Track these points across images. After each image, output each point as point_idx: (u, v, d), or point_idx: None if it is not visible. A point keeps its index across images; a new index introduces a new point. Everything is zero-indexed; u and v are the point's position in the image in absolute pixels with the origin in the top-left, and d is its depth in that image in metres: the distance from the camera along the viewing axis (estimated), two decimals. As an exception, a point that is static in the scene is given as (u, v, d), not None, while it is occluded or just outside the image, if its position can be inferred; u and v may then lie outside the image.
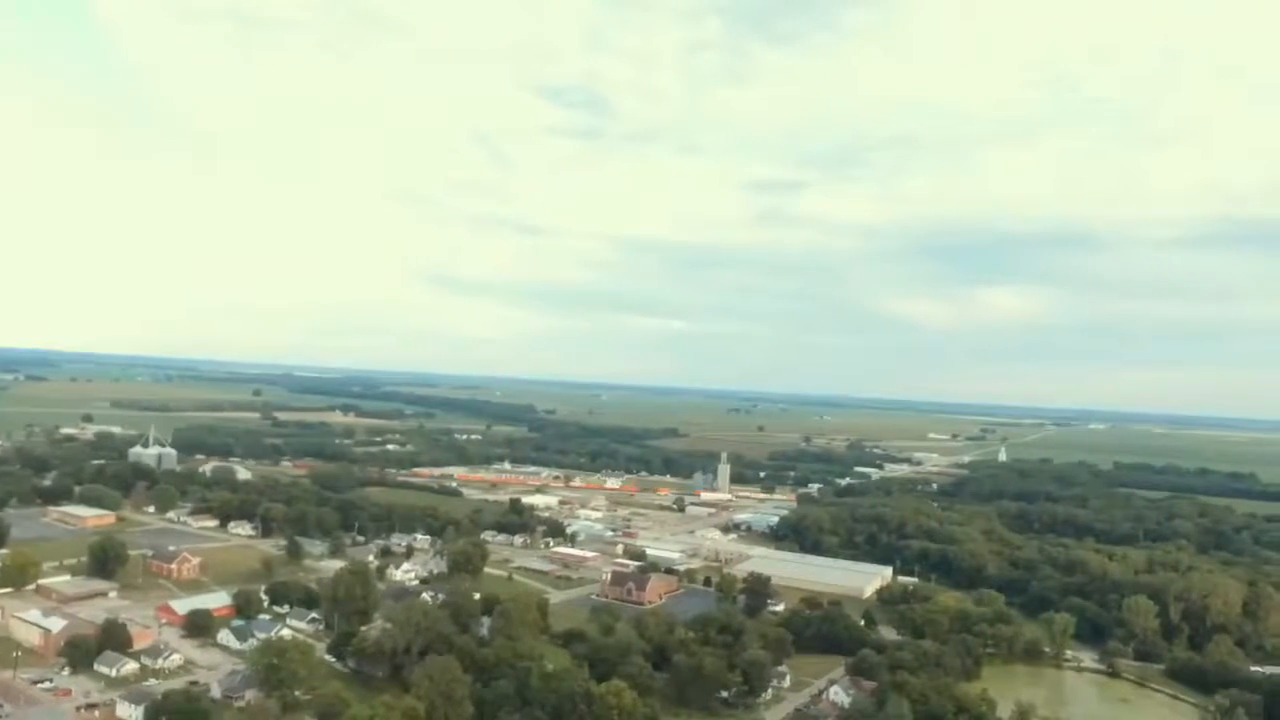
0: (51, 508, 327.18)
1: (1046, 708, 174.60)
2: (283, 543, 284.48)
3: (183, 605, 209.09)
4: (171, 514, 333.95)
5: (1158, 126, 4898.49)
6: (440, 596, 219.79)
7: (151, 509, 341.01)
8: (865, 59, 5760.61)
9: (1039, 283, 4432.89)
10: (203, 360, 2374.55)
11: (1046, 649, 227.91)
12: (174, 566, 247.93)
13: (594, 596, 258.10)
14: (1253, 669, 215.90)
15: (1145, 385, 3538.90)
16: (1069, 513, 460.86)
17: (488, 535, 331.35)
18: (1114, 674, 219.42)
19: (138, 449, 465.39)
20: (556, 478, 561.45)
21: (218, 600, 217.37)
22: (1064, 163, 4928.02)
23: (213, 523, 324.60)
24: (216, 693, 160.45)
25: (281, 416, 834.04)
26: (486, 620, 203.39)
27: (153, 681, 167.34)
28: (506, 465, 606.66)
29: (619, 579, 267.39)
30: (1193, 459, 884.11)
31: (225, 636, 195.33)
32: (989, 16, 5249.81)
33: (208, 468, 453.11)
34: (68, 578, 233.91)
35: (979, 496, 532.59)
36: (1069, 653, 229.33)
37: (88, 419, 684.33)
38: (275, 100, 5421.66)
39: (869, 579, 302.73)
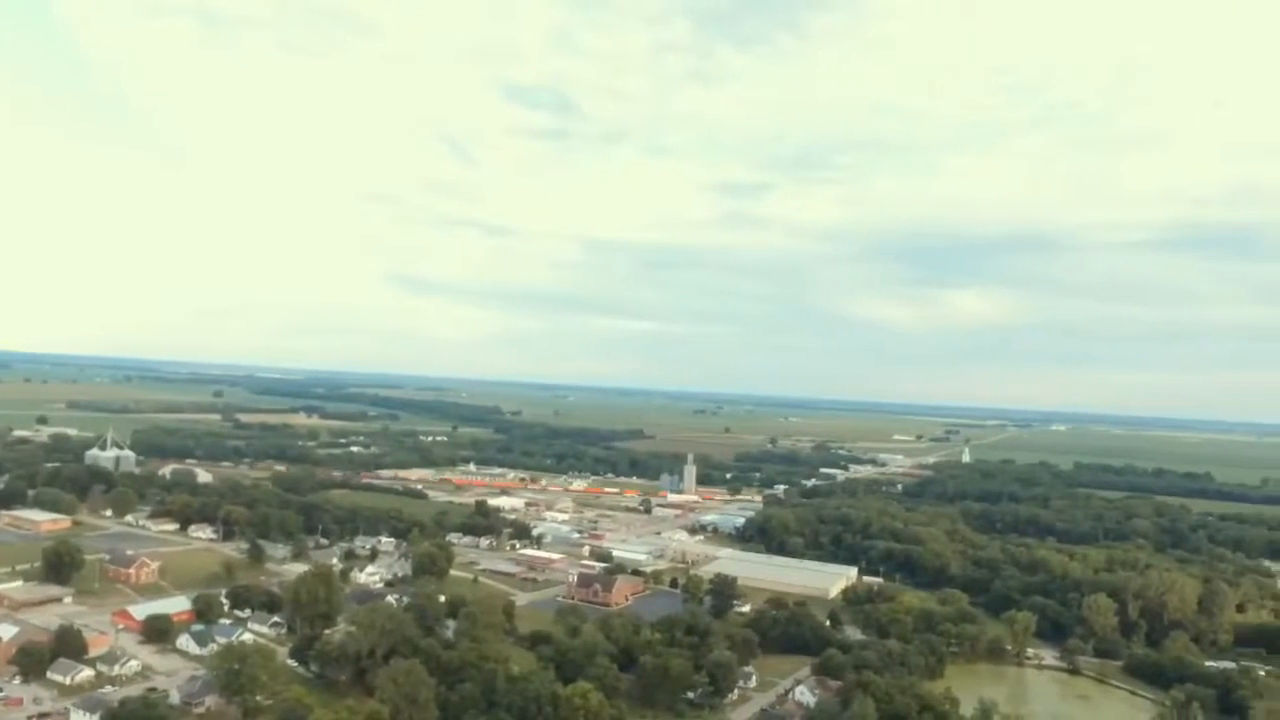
0: (4, 512, 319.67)
1: (1008, 705, 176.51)
2: (244, 546, 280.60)
3: (141, 610, 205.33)
4: (130, 517, 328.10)
5: (1119, 132, 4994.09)
6: (405, 599, 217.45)
7: (109, 512, 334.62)
8: (831, 62, 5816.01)
9: (1003, 285, 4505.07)
10: (162, 361, 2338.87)
11: (1009, 647, 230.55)
12: (132, 571, 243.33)
13: (560, 598, 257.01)
14: (1207, 664, 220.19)
15: (1105, 387, 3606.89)
16: (1031, 513, 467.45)
17: (453, 537, 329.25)
18: (1074, 671, 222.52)
19: (95, 451, 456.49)
20: (522, 479, 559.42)
21: (177, 605, 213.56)
22: (1027, 167, 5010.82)
23: (172, 526, 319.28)
24: (176, 699, 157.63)
25: (243, 418, 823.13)
26: (452, 623, 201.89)
27: (109, 689, 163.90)
28: (472, 467, 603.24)
29: (585, 580, 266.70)
30: (1150, 459, 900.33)
31: (185, 642, 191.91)
32: (953, 23, 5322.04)
33: (167, 470, 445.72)
34: (20, 583, 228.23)
35: (943, 497, 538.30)
36: (1031, 651, 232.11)
37: (43, 421, 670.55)
38: (240, 99, 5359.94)
39: (834, 579, 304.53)
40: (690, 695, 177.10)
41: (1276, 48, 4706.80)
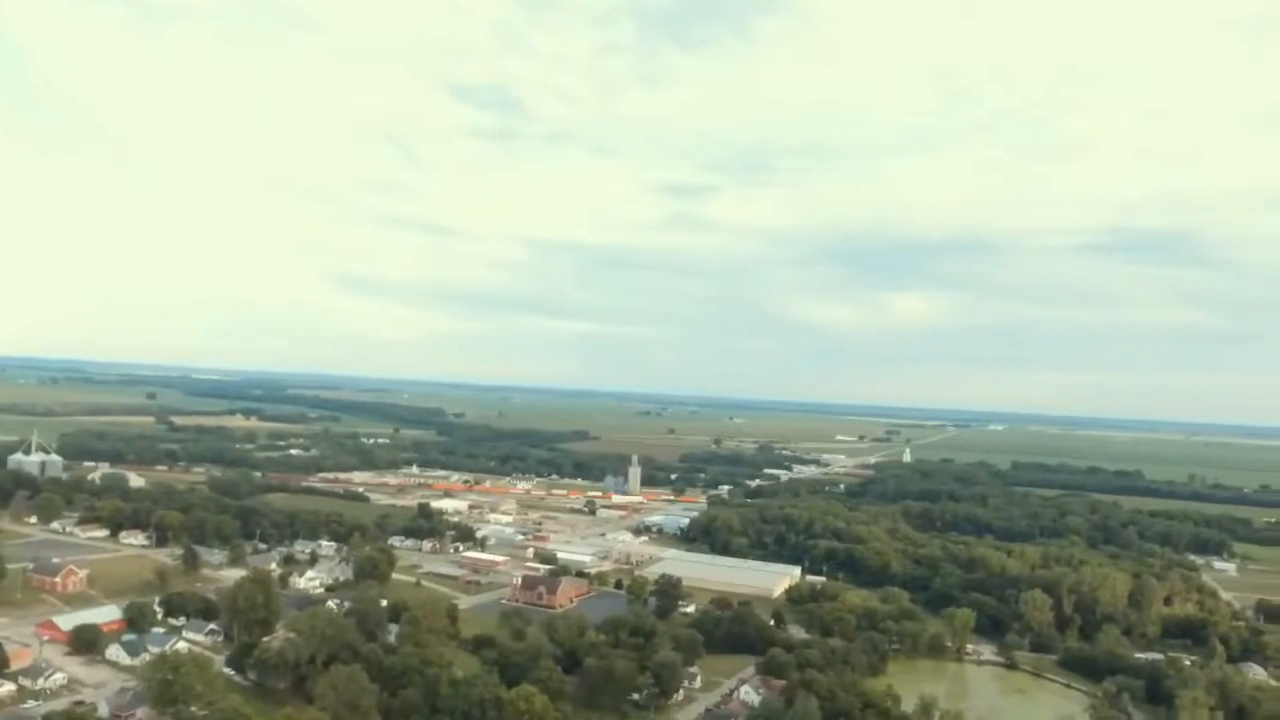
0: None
1: (949, 701, 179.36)
2: (179, 552, 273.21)
3: (67, 620, 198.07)
4: (56, 524, 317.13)
5: (1053, 140, 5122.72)
6: (346, 604, 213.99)
7: (34, 519, 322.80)
8: (777, 66, 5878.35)
9: (942, 288, 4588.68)
10: (91, 361, 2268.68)
11: (949, 644, 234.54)
12: (58, 580, 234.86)
13: (504, 601, 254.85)
14: (1137, 656, 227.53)
15: (1041, 388, 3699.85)
16: (970, 511, 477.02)
17: (395, 541, 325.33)
18: (1012, 666, 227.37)
19: (18, 456, 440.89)
20: (466, 481, 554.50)
21: (107, 614, 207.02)
22: (966, 173, 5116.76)
23: (102, 533, 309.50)
24: (105, 711, 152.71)
25: (178, 421, 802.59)
26: (394, 628, 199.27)
27: (32, 703, 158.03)
28: (415, 469, 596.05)
29: (530, 583, 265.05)
30: (1084, 458, 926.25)
31: (115, 652, 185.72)
32: (897, 30, 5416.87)
33: (97, 475, 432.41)
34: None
35: (884, 496, 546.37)
36: (970, 647, 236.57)
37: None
38: (176, 92, 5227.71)
39: (778, 579, 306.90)
40: (635, 696, 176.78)
41: (1200, 61, 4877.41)
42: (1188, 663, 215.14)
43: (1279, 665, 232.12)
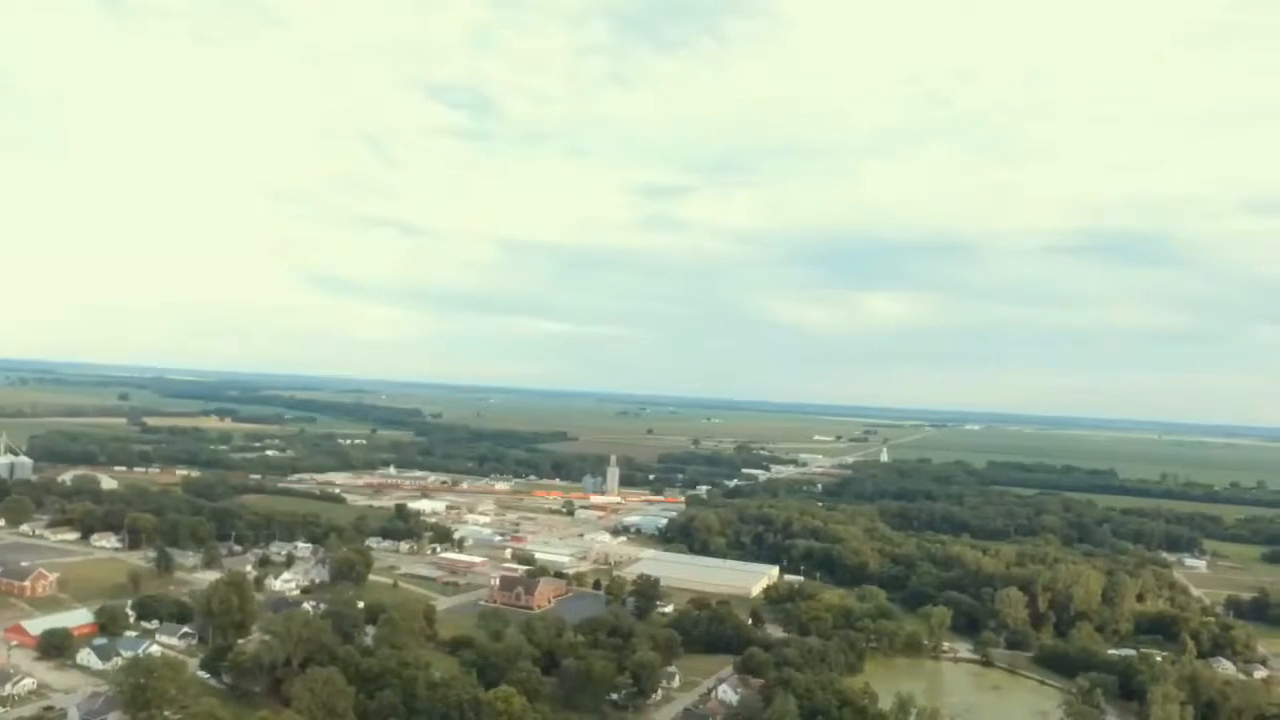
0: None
1: (925, 698, 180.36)
2: (152, 555, 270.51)
3: (36, 625, 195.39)
4: (25, 527, 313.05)
5: (1024, 142, 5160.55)
6: (322, 606, 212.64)
7: (2, 522, 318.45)
8: (750, 68, 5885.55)
9: (918, 289, 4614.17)
10: (63, 363, 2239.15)
11: (925, 642, 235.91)
12: (27, 584, 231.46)
13: (482, 602, 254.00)
14: (1110, 652, 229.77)
15: (1017, 388, 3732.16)
16: (946, 510, 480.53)
17: (372, 542, 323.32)
18: (987, 663, 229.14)
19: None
20: (444, 482, 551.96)
21: (78, 618, 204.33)
22: (939, 174, 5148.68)
23: (73, 535, 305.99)
24: (75, 717, 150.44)
25: (151, 422, 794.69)
26: (371, 629, 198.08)
27: (0, 710, 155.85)
28: (392, 470, 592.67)
29: (507, 584, 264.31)
30: (1059, 457, 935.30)
31: (86, 656, 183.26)
32: (869, 33, 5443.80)
33: (68, 477, 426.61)
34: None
35: (861, 496, 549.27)
36: (946, 644, 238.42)
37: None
38: (147, 91, 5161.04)
39: (756, 578, 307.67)
40: (614, 697, 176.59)
41: (1164, 66, 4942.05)
42: (1159, 658, 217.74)
43: (1248, 660, 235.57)
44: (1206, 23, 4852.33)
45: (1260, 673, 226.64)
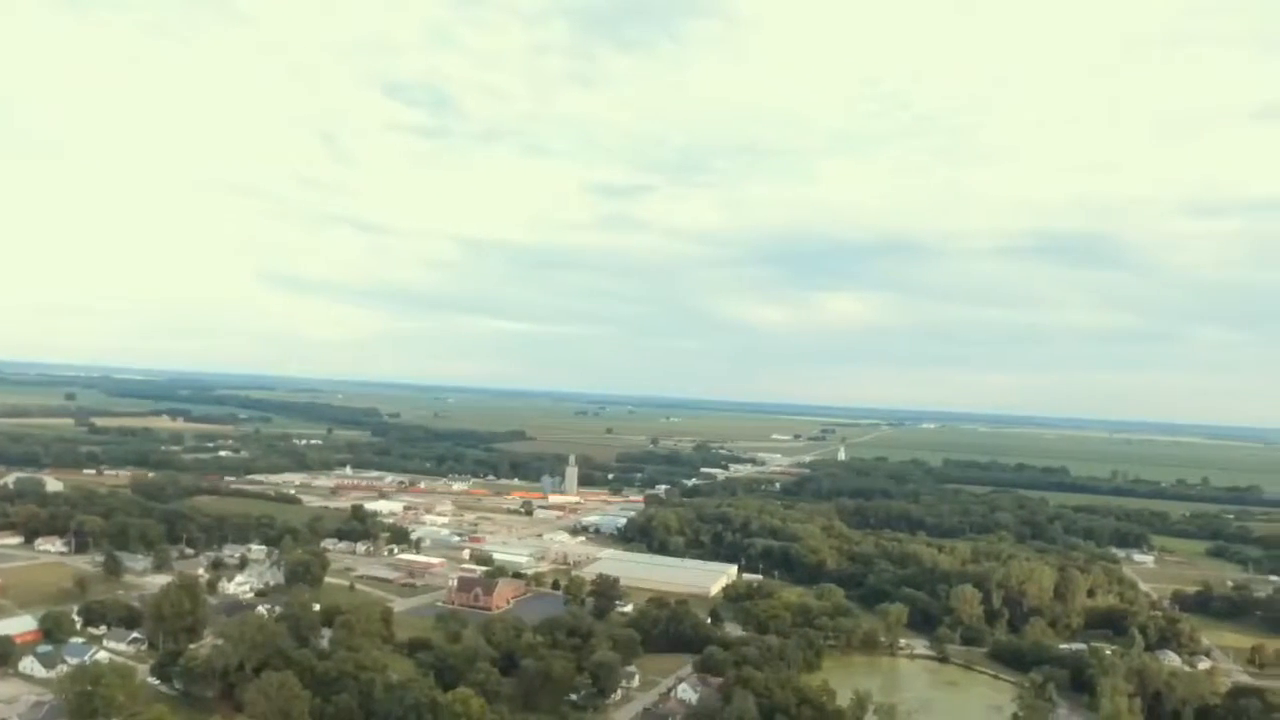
0: None
1: (882, 694, 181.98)
2: (100, 558, 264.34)
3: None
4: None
5: (975, 145, 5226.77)
6: (277, 609, 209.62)
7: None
8: (709, 68, 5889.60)
9: (874, 289, 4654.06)
10: (6, 362, 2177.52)
11: (882, 639, 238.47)
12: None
13: (440, 603, 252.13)
14: (1061, 646, 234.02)
15: (972, 387, 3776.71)
16: (903, 508, 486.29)
17: (328, 543, 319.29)
18: (943, 659, 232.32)
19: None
20: (401, 483, 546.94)
21: (20, 625, 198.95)
22: (896, 175, 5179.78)
23: (16, 539, 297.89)
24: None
25: (99, 422, 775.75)
26: (327, 632, 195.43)
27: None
28: (349, 471, 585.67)
29: (465, 585, 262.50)
30: (1013, 455, 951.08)
31: (29, 664, 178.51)
32: (827, 35, 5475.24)
33: (10, 479, 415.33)
34: None
35: (819, 494, 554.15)
36: (903, 641, 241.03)
37: None
38: (103, 86, 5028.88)
39: (715, 577, 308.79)
40: (573, 697, 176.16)
41: (1113, 71, 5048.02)
42: (1109, 652, 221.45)
43: (1192, 652, 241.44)
44: (1156, 28, 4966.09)
45: (1204, 664, 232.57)
